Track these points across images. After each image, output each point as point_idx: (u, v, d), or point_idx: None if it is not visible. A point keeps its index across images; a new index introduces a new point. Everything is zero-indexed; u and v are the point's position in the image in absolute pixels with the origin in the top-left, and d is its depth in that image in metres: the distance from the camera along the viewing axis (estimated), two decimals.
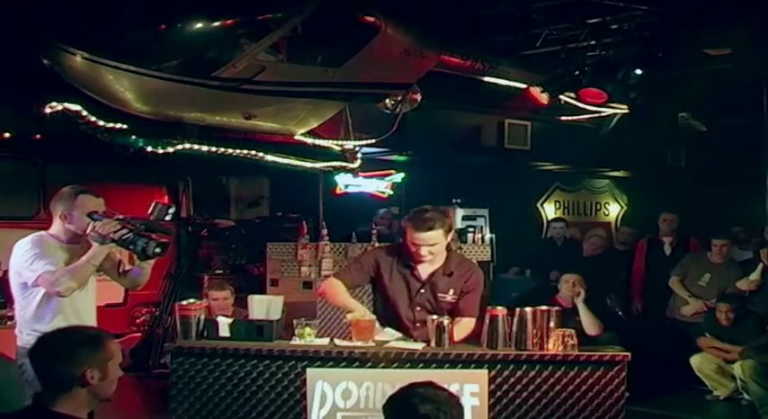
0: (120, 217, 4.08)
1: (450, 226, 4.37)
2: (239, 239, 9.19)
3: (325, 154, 8.65)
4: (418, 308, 4.44)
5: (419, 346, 4.27)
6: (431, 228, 4.26)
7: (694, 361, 7.23)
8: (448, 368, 4.19)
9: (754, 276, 7.48)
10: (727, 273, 7.77)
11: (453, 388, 3.98)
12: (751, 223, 8.74)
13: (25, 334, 4.12)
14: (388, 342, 4.33)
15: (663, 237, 8.52)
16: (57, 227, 4.21)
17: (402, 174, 9.81)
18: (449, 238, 4.38)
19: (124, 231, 4.03)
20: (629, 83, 9.09)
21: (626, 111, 9.91)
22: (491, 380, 4.18)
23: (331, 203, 9.30)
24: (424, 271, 4.43)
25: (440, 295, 4.41)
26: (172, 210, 4.26)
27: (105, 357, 2.82)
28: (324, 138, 8.41)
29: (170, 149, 7.18)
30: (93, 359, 2.78)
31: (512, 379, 4.18)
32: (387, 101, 8.32)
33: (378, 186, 9.57)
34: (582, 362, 4.17)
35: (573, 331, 4.27)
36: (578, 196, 13.56)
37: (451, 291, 4.42)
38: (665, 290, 8.08)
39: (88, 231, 4.05)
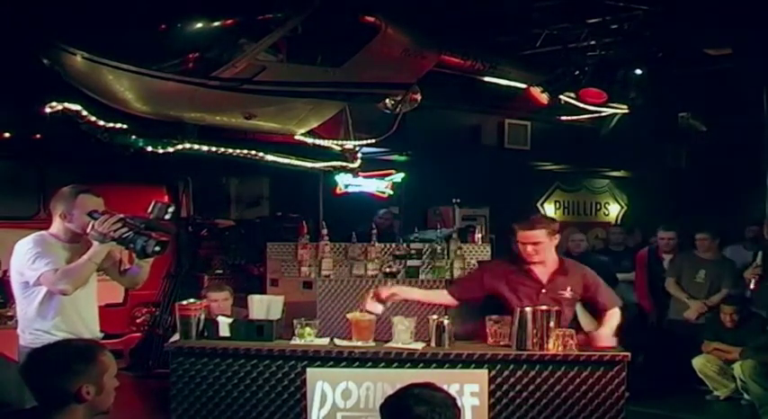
0: (120, 215, 4.09)
1: (554, 229, 4.71)
2: (239, 239, 9.18)
3: (325, 154, 8.65)
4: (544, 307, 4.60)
5: (419, 346, 4.28)
6: (532, 227, 4.64)
7: (696, 362, 7.21)
8: (448, 368, 4.20)
9: (757, 263, 7.48)
10: (720, 269, 7.79)
11: (453, 388, 4.00)
12: (751, 224, 8.73)
13: (27, 334, 4.12)
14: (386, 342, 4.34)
15: (663, 254, 8.36)
16: (57, 226, 4.22)
17: (402, 174, 9.80)
18: (553, 241, 4.69)
19: (124, 229, 4.04)
20: (629, 83, 9.10)
21: (626, 111, 9.93)
22: (491, 380, 4.19)
23: (331, 203, 9.29)
24: (541, 274, 4.68)
25: (560, 292, 4.64)
26: (171, 209, 4.27)
27: (100, 371, 2.76)
28: (324, 138, 8.40)
29: (170, 149, 7.17)
30: (87, 373, 2.72)
31: (512, 379, 4.19)
32: (387, 101, 8.32)
33: (378, 186, 9.57)
34: (582, 362, 4.17)
35: (573, 331, 4.28)
36: (578, 196, 13.56)
37: (569, 288, 4.65)
38: (665, 299, 8.06)
39: (88, 230, 4.06)
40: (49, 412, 2.72)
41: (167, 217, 4.24)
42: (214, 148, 7.54)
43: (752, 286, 7.51)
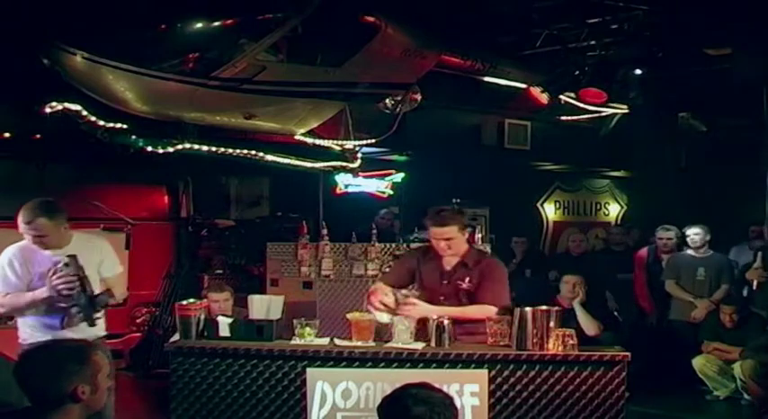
0: (76, 278, 4.04)
1: (463, 224, 4.85)
2: (239, 239, 9.18)
3: (325, 154, 8.65)
4: (442, 298, 4.72)
5: (419, 346, 4.28)
6: (444, 224, 4.73)
7: (696, 362, 7.21)
8: (448, 368, 4.20)
9: (757, 264, 7.48)
10: (719, 265, 7.80)
11: (453, 388, 4.01)
12: (754, 224, 8.72)
13: (25, 330, 4.16)
14: (387, 341, 4.34)
15: (662, 255, 8.31)
16: None
17: (402, 174, 9.79)
18: (465, 234, 4.84)
19: (74, 292, 4.03)
20: (629, 83, 9.10)
21: (626, 111, 9.92)
22: (491, 380, 4.19)
23: (331, 203, 9.29)
24: (448, 264, 4.80)
25: (458, 283, 4.74)
26: (113, 301, 4.29)
27: (94, 371, 2.79)
28: (324, 138, 8.40)
29: (170, 149, 7.17)
30: (82, 374, 2.74)
31: (512, 379, 4.19)
32: (387, 101, 8.31)
33: (378, 186, 9.56)
34: (582, 362, 4.18)
35: (573, 331, 4.28)
36: (578, 196, 13.55)
37: (467, 279, 4.72)
38: (664, 299, 8.05)
39: (50, 276, 4.04)
40: (46, 412, 2.74)
41: (111, 302, 4.25)
42: (214, 148, 7.54)
43: (755, 286, 7.52)
